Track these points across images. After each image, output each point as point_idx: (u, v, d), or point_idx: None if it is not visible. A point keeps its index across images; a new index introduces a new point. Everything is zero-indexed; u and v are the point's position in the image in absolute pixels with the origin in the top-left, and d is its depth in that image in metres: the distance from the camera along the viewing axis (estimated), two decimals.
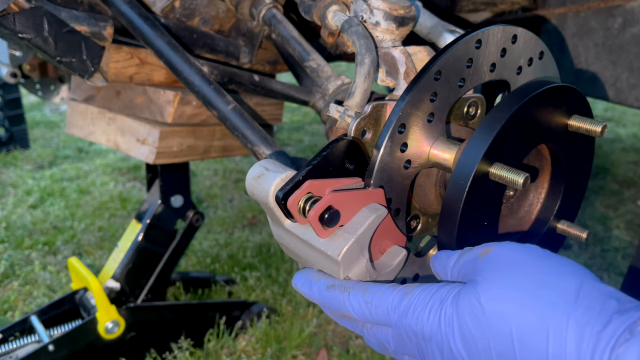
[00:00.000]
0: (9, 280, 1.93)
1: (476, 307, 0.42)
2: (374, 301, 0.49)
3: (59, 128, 3.83)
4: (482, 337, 0.41)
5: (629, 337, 0.36)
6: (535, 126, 0.56)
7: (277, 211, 0.54)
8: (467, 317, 0.42)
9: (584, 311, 0.39)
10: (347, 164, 0.55)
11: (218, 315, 1.57)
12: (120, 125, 1.17)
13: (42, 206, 2.56)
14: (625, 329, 0.37)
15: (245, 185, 0.56)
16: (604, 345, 0.37)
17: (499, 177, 0.52)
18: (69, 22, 0.91)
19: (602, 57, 0.75)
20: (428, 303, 0.46)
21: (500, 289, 0.42)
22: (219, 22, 1.10)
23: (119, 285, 1.43)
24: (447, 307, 0.45)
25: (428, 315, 0.45)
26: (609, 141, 3.37)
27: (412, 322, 0.46)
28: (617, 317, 0.38)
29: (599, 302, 0.39)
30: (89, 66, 0.97)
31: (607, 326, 0.37)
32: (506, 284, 0.42)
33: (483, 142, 0.52)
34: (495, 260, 0.45)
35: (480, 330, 0.42)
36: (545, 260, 0.44)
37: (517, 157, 0.56)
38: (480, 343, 0.42)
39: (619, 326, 0.37)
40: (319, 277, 0.54)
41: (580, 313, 0.38)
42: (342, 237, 0.50)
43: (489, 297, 0.42)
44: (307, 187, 0.51)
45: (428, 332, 0.45)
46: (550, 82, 0.57)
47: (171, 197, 1.48)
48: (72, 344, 1.32)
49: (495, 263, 0.44)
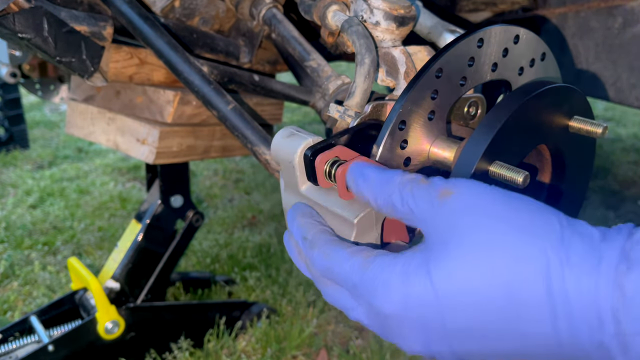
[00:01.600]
0: (8, 281, 1.93)
1: (458, 276, 0.37)
2: (334, 268, 0.44)
3: (59, 128, 3.83)
4: (474, 308, 0.37)
5: (628, 264, 0.34)
6: (535, 126, 0.56)
7: (298, 171, 0.53)
8: (449, 291, 0.38)
9: (575, 247, 0.36)
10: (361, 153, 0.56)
11: (218, 316, 1.57)
12: (120, 125, 1.17)
13: (42, 206, 2.56)
14: (619, 256, 0.35)
15: (272, 145, 0.55)
16: (605, 278, 0.34)
17: (499, 175, 0.51)
18: (68, 22, 0.91)
19: (603, 56, 0.75)
20: (390, 278, 0.40)
21: (482, 247, 0.37)
22: (219, 22, 1.10)
23: (118, 286, 1.43)
24: (416, 283, 0.39)
25: (390, 296, 0.40)
26: (609, 141, 3.37)
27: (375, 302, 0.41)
28: (606, 246, 0.36)
29: (583, 235, 0.37)
30: (89, 66, 0.97)
31: (601, 259, 0.35)
32: (486, 239, 0.37)
33: (483, 140, 0.52)
34: (461, 211, 0.39)
35: (469, 302, 0.37)
36: (513, 201, 0.39)
37: (517, 157, 0.56)
38: (473, 314, 0.37)
39: (612, 254, 0.35)
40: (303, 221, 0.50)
41: (572, 250, 0.36)
42: (361, 203, 0.50)
43: (470, 260, 0.37)
44: (337, 150, 0.52)
45: (393, 311, 0.40)
46: (551, 82, 0.57)
47: (171, 197, 1.48)
48: (71, 344, 1.32)
49: (461, 214, 0.39)
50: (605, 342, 0.35)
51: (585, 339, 0.35)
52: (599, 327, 0.35)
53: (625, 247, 0.35)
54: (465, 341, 0.39)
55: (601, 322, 0.35)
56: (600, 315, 0.35)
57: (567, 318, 0.35)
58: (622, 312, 0.34)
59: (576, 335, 0.36)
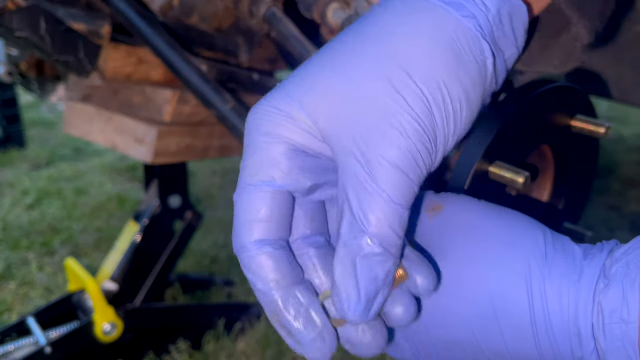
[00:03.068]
0: (5, 282, 1.92)
1: (447, 289, 0.37)
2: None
3: (56, 127, 3.82)
4: (457, 314, 0.38)
5: (606, 281, 0.35)
6: (537, 125, 0.56)
7: None
8: (439, 304, 0.38)
9: (557, 263, 0.36)
10: None
11: (217, 317, 1.56)
12: (118, 125, 1.16)
13: (39, 206, 2.55)
14: (599, 273, 0.35)
15: None
16: (585, 294, 0.35)
17: (499, 176, 0.51)
18: (66, 20, 0.90)
19: (606, 55, 0.75)
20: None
21: (469, 257, 0.38)
22: (218, 20, 1.10)
23: (116, 287, 1.42)
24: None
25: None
26: (612, 141, 3.36)
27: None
28: (587, 263, 0.36)
29: (566, 252, 0.37)
30: (86, 65, 0.96)
31: (582, 275, 0.35)
32: (474, 249, 0.38)
33: (483, 140, 0.51)
34: (452, 224, 0.39)
35: (453, 308, 0.37)
36: (503, 215, 0.39)
37: (518, 157, 0.55)
38: (455, 325, 0.38)
39: (593, 272, 0.35)
40: None
41: (554, 266, 0.36)
42: None
43: (460, 275, 0.37)
44: None
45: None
46: (552, 81, 0.56)
47: (169, 198, 1.47)
48: (69, 346, 1.31)
49: (453, 228, 0.39)
50: (585, 358, 0.35)
51: (566, 354, 0.36)
52: (578, 343, 0.35)
53: (605, 264, 0.36)
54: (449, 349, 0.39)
55: (580, 339, 0.35)
56: (578, 331, 0.35)
57: (547, 332, 0.36)
58: (599, 328, 0.34)
59: (557, 348, 0.36)
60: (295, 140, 0.35)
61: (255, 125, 0.36)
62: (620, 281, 0.34)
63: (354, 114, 0.33)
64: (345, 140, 0.34)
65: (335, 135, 0.34)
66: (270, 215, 0.35)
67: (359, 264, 0.32)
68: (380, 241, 0.33)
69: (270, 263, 0.34)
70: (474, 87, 0.36)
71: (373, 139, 0.33)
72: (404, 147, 0.33)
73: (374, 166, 0.32)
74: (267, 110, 0.36)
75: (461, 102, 0.35)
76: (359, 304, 0.32)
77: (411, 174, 0.33)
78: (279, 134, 0.35)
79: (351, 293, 0.32)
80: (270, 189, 0.35)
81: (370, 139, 0.33)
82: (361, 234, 0.32)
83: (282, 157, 0.35)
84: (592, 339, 0.34)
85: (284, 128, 0.35)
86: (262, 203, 0.35)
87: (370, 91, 0.33)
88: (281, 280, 0.35)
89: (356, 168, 0.33)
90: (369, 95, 0.33)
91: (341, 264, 0.33)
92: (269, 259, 0.34)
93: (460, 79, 0.35)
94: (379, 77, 0.33)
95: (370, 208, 0.32)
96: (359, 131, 0.33)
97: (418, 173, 0.34)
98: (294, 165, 0.35)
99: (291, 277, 0.35)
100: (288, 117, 0.35)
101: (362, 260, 0.32)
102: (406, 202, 0.33)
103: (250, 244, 0.35)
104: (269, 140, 0.35)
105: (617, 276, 0.34)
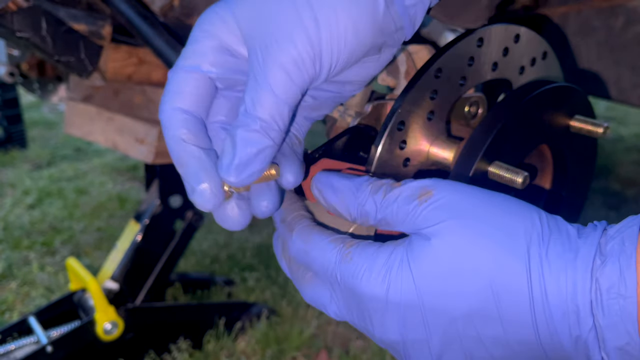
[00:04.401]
0: (7, 281, 1.92)
1: (440, 267, 0.38)
2: (312, 252, 0.43)
3: (57, 128, 3.83)
4: (455, 300, 0.38)
5: (603, 258, 0.35)
6: (536, 126, 0.56)
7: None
8: (431, 281, 0.38)
9: (553, 243, 0.37)
10: (362, 152, 0.55)
11: (217, 317, 1.56)
12: (119, 125, 1.17)
13: (40, 206, 2.55)
14: (595, 251, 0.36)
15: None
16: (582, 272, 0.35)
17: (498, 176, 0.51)
18: (67, 20, 0.91)
19: (605, 56, 0.75)
20: (372, 268, 0.40)
21: (463, 242, 0.38)
22: None
23: (117, 286, 1.42)
24: (398, 272, 0.39)
25: (373, 284, 0.40)
26: (611, 141, 3.36)
27: (356, 291, 0.40)
28: (582, 242, 0.37)
29: (560, 231, 0.38)
30: (87, 65, 0.96)
31: (578, 253, 0.36)
32: (467, 234, 0.38)
33: (482, 140, 0.51)
34: (443, 208, 0.39)
35: (451, 293, 0.38)
36: (493, 199, 0.40)
37: (517, 157, 0.55)
38: (453, 305, 0.38)
39: (589, 250, 0.36)
40: (285, 205, 0.49)
41: (551, 246, 0.37)
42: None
43: (453, 253, 0.38)
44: (322, 163, 0.51)
45: (374, 293, 0.40)
46: (551, 82, 0.57)
47: (170, 197, 1.48)
48: (70, 345, 1.32)
49: (443, 211, 0.39)
50: (583, 336, 0.36)
51: (563, 334, 0.36)
52: (576, 321, 0.35)
53: (600, 242, 0.36)
54: (443, 330, 0.39)
55: (578, 317, 0.35)
56: (577, 309, 0.35)
57: (545, 311, 0.36)
58: (597, 305, 0.35)
59: (554, 329, 0.36)
60: (223, 39, 0.43)
61: (198, 23, 0.44)
62: (617, 258, 0.35)
63: (264, 24, 0.42)
64: (253, 44, 0.42)
65: (250, 39, 0.42)
66: (191, 92, 0.43)
67: (240, 135, 0.40)
68: (261, 123, 0.40)
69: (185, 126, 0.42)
70: (363, 22, 0.42)
71: (272, 45, 0.41)
72: (292, 55, 0.40)
73: (267, 66, 0.40)
74: (208, 12, 0.44)
75: (347, 27, 0.41)
76: (231, 165, 0.40)
77: (295, 78, 0.41)
78: (212, 32, 0.43)
79: (228, 154, 0.40)
80: (196, 73, 0.43)
81: (270, 45, 0.41)
82: (249, 116, 0.40)
83: (210, 50, 0.43)
84: (590, 316, 0.35)
85: (216, 27, 0.43)
86: (187, 82, 0.43)
87: (279, 8, 0.41)
88: (192, 139, 0.42)
89: (255, 66, 0.41)
90: (278, 10, 0.41)
91: (230, 135, 0.41)
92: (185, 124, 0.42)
93: (351, 13, 0.41)
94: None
95: (258, 97, 0.40)
96: (264, 38, 0.41)
97: (302, 78, 0.41)
98: (219, 59, 0.43)
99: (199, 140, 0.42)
100: (221, 20, 0.43)
101: (243, 132, 0.40)
102: (288, 98, 0.41)
103: (171, 109, 0.42)
104: (204, 35, 0.43)
105: (613, 253, 0.35)
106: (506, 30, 0.56)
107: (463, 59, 0.54)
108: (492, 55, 0.56)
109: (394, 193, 0.42)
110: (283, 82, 0.40)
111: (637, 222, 0.37)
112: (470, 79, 0.55)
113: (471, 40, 0.54)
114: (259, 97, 0.40)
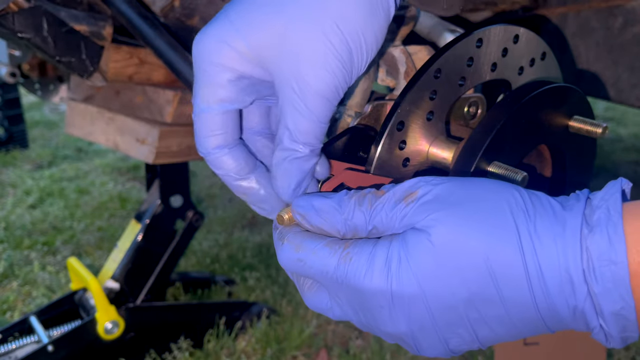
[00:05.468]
0: (8, 281, 1.93)
1: (436, 257, 0.39)
2: (307, 260, 0.43)
3: (58, 128, 3.83)
4: (454, 285, 0.38)
5: (590, 227, 0.36)
6: (535, 126, 0.56)
7: None
8: (429, 271, 0.39)
9: (540, 218, 0.38)
10: (361, 152, 0.55)
11: (218, 316, 1.57)
12: (120, 125, 1.17)
13: (42, 206, 2.56)
14: (581, 221, 0.37)
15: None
16: (572, 243, 0.36)
17: (497, 176, 0.51)
18: (68, 21, 0.91)
19: (603, 56, 0.75)
20: (373, 265, 0.40)
21: (454, 230, 0.39)
22: None
23: (118, 286, 1.43)
24: (398, 266, 0.39)
25: (376, 281, 0.40)
26: (609, 141, 3.36)
27: (360, 290, 0.41)
28: (568, 214, 0.38)
29: (544, 206, 0.39)
30: (88, 66, 0.97)
31: (565, 225, 0.37)
32: (456, 222, 0.39)
33: (481, 140, 0.52)
34: (430, 202, 0.41)
35: (450, 280, 0.38)
36: (474, 184, 0.41)
37: (516, 157, 0.56)
38: (453, 291, 0.39)
39: (575, 221, 0.37)
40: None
41: (538, 221, 0.38)
42: None
43: (446, 242, 0.39)
44: None
45: (377, 287, 0.40)
46: (550, 82, 0.57)
47: (171, 197, 1.48)
48: (71, 344, 1.32)
49: (430, 204, 0.40)
50: (579, 306, 0.37)
51: (561, 305, 0.37)
52: (572, 291, 0.36)
53: (585, 212, 0.38)
54: (448, 317, 0.40)
55: (573, 286, 0.36)
56: (571, 280, 0.36)
57: (542, 285, 0.37)
58: (590, 273, 0.36)
59: (551, 301, 0.37)
60: (238, 69, 0.44)
61: (206, 56, 0.44)
62: (605, 225, 0.36)
63: (292, 52, 0.43)
64: (285, 73, 0.43)
65: (277, 67, 0.44)
66: (223, 129, 0.46)
67: (293, 163, 0.45)
68: (308, 147, 0.45)
69: (231, 161, 0.47)
70: (381, 29, 0.46)
71: (308, 74, 0.43)
72: (329, 82, 0.43)
73: (306, 95, 0.43)
74: (214, 42, 0.44)
75: (372, 44, 0.45)
76: (289, 189, 0.46)
77: (332, 100, 0.44)
78: (226, 65, 0.44)
79: (287, 183, 0.45)
80: (221, 109, 0.45)
81: (306, 74, 0.43)
82: (295, 143, 0.44)
83: (228, 84, 0.45)
84: (584, 284, 0.36)
85: (229, 59, 0.44)
86: (215, 122, 0.45)
87: (307, 34, 0.43)
88: (241, 171, 0.47)
89: (292, 96, 0.43)
90: (306, 38, 0.43)
91: (281, 163, 0.45)
92: (229, 158, 0.47)
93: (373, 27, 0.44)
94: (313, 23, 0.43)
95: (302, 125, 0.44)
96: (297, 66, 0.43)
97: (337, 97, 0.45)
98: (238, 89, 0.45)
99: (248, 166, 0.48)
100: (234, 50, 0.44)
101: (295, 160, 0.45)
102: (326, 118, 0.45)
103: (212, 149, 0.46)
104: (217, 70, 0.44)
105: (600, 221, 0.36)
106: (505, 31, 0.56)
107: (462, 59, 0.54)
108: (492, 56, 0.56)
109: (380, 201, 0.43)
110: (323, 107, 0.44)
111: (618, 189, 0.38)
112: (469, 79, 0.56)
113: (470, 41, 0.54)
114: (303, 125, 0.44)
